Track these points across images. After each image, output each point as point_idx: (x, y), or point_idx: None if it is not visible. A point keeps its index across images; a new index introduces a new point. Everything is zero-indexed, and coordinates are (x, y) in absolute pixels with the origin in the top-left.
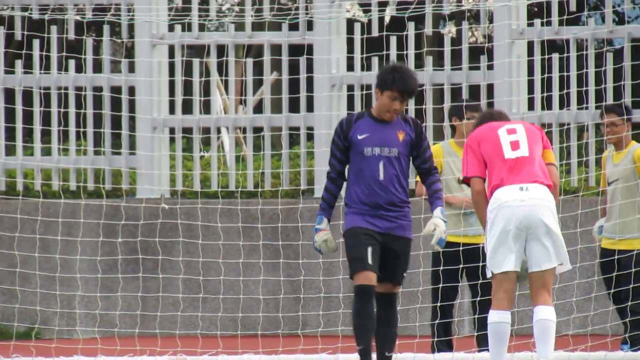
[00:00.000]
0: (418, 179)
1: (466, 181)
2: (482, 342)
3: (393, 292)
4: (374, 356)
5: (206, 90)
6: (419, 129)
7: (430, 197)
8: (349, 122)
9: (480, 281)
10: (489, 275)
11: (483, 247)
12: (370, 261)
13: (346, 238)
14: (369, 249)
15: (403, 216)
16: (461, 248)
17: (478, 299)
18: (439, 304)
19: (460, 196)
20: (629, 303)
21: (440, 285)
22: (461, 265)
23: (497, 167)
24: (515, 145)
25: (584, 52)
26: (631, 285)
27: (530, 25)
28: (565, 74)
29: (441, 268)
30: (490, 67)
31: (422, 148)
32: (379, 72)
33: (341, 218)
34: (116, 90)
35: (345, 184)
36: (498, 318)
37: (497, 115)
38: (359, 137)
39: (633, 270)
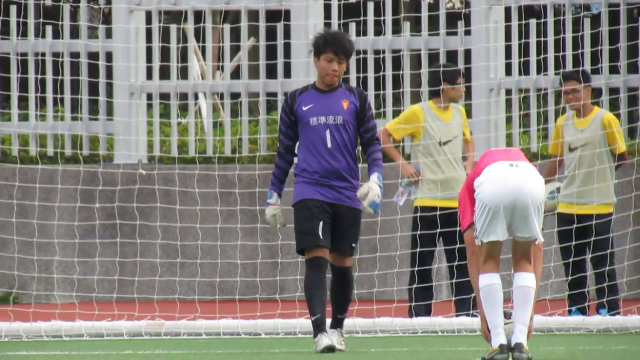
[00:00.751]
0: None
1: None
2: (460, 307)
3: (346, 266)
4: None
5: (183, 56)
6: (363, 98)
7: (369, 165)
8: (293, 96)
9: (457, 245)
10: (477, 243)
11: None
12: (321, 236)
13: (296, 210)
14: (320, 224)
15: (352, 188)
16: (438, 212)
17: (455, 263)
18: (417, 269)
19: (441, 158)
20: (606, 268)
21: (419, 249)
22: (439, 230)
23: (484, 160)
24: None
25: (562, 18)
26: (609, 250)
27: None
28: (542, 39)
29: (419, 232)
30: (467, 33)
31: (366, 117)
32: (313, 41)
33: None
34: (93, 56)
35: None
36: (488, 281)
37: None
38: (304, 109)
39: (611, 235)
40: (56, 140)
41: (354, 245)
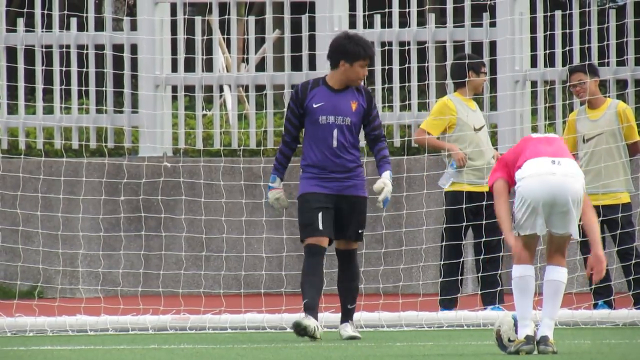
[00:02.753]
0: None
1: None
2: (486, 300)
3: (351, 249)
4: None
5: (208, 48)
6: (370, 99)
7: (379, 162)
8: (304, 89)
9: (484, 239)
10: (515, 234)
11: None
12: (320, 227)
13: (299, 203)
14: (320, 215)
15: (355, 176)
16: (476, 203)
17: (482, 257)
18: (446, 262)
19: (478, 149)
20: (633, 261)
21: (450, 242)
22: (466, 223)
23: (526, 150)
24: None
25: (587, 9)
26: (635, 243)
27: None
28: (567, 31)
29: (458, 224)
30: (492, 25)
31: (372, 117)
32: (338, 44)
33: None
34: (118, 48)
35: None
36: (522, 272)
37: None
38: (314, 106)
39: (637, 227)
40: (81, 133)
41: (360, 231)
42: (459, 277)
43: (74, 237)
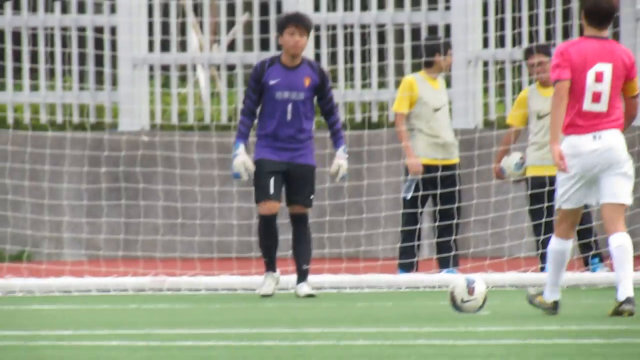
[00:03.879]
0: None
1: (553, 81)
2: (442, 264)
3: (303, 213)
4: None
5: (182, 30)
6: (323, 74)
7: (333, 137)
8: (262, 67)
9: (438, 207)
10: (556, 205)
11: (456, 174)
12: (272, 190)
13: (255, 170)
14: (272, 179)
15: (305, 147)
16: (439, 173)
17: (437, 224)
18: (405, 229)
19: (435, 126)
20: (586, 225)
21: (414, 209)
22: (435, 191)
23: (576, 106)
24: (596, 98)
25: None
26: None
27: None
28: (517, 14)
29: (420, 193)
30: (447, 9)
31: (326, 90)
32: (276, 21)
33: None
34: (99, 30)
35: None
36: (560, 246)
37: (601, 15)
38: (271, 83)
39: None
40: (65, 109)
41: (311, 197)
42: (416, 243)
43: (59, 205)
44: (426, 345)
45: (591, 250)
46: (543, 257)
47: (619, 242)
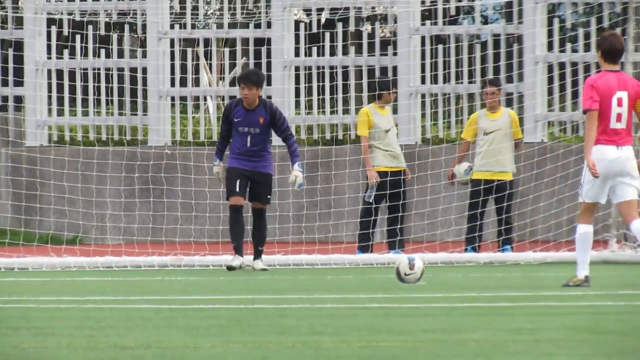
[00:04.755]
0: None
1: (586, 109)
2: (390, 246)
3: (261, 208)
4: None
5: (196, 70)
6: (274, 113)
7: (290, 155)
8: (230, 107)
9: (388, 203)
10: (580, 199)
11: (403, 179)
12: (237, 189)
13: (226, 173)
14: (238, 181)
15: (264, 160)
16: (389, 178)
17: (387, 216)
18: (364, 219)
19: (387, 142)
20: (505, 215)
21: (373, 206)
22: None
23: (603, 124)
24: (619, 118)
25: (460, 44)
26: (510, 198)
27: (423, 24)
28: (446, 59)
29: (375, 193)
30: (395, 54)
31: (278, 124)
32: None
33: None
34: (133, 70)
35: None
36: (586, 229)
37: (616, 53)
38: (235, 120)
39: (515, 198)
40: (108, 129)
41: (268, 196)
42: (371, 231)
43: (104, 202)
44: (378, 307)
45: (505, 235)
46: (469, 240)
47: (637, 225)
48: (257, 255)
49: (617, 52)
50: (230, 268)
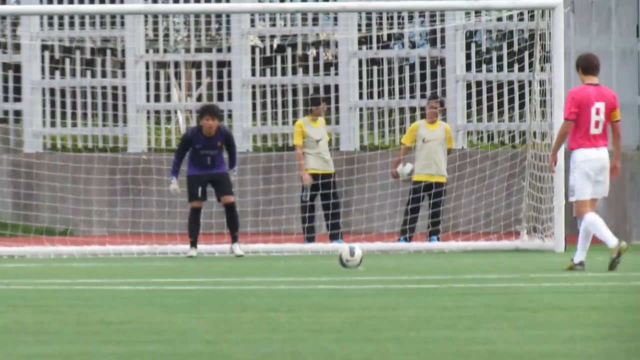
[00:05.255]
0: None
1: (565, 118)
2: (332, 237)
3: (230, 201)
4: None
5: (168, 88)
6: (228, 136)
7: (231, 162)
8: (192, 133)
9: (331, 201)
10: (571, 199)
11: (334, 181)
12: (199, 195)
13: (187, 180)
14: (199, 188)
15: (219, 164)
16: (320, 181)
17: (330, 211)
18: (304, 215)
19: (318, 150)
20: (437, 209)
21: (309, 203)
22: (319, 192)
23: (583, 131)
24: (597, 125)
25: (392, 65)
26: (442, 197)
27: (360, 49)
28: (380, 78)
29: (310, 193)
30: (337, 74)
31: (230, 144)
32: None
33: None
34: (115, 88)
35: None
36: (593, 217)
37: (594, 68)
38: (197, 146)
39: (443, 196)
40: (93, 138)
41: (232, 189)
42: (316, 224)
43: (90, 200)
44: (324, 288)
45: (432, 228)
46: (402, 232)
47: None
48: (234, 240)
49: (595, 67)
50: (190, 257)
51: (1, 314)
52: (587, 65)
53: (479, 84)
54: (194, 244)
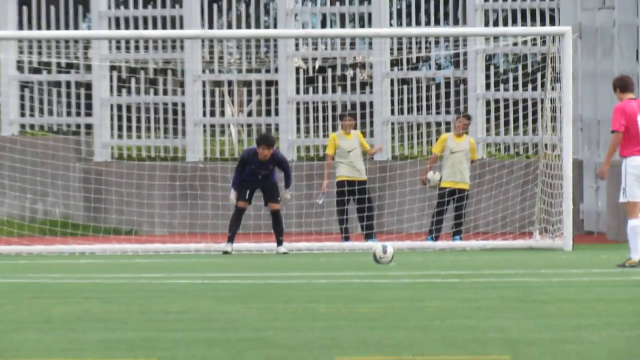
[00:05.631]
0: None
1: (614, 130)
2: (367, 237)
3: (276, 209)
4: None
5: (222, 104)
6: (280, 160)
7: (286, 182)
8: (248, 156)
9: (363, 205)
10: (622, 200)
11: (367, 187)
12: (246, 197)
13: (239, 183)
14: (247, 192)
15: (271, 177)
16: (356, 187)
17: (365, 214)
18: (340, 217)
19: (350, 160)
20: (460, 212)
21: (345, 207)
22: (352, 197)
23: (633, 140)
24: None
25: (420, 85)
26: (464, 202)
27: (392, 70)
28: (410, 96)
29: (343, 197)
30: (371, 92)
31: (283, 167)
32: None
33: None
34: (175, 104)
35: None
36: (636, 223)
37: (630, 85)
38: (252, 166)
39: (466, 201)
40: (156, 149)
41: (278, 199)
42: (349, 225)
43: (152, 203)
44: (359, 282)
45: (455, 229)
46: (430, 232)
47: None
48: (279, 243)
49: (631, 84)
50: (225, 252)
51: (73, 304)
52: (623, 85)
53: (496, 101)
54: (230, 239)
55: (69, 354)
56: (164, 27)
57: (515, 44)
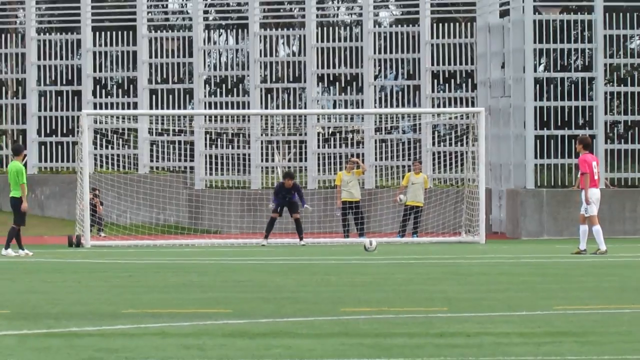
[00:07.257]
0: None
1: (584, 172)
2: (360, 235)
3: (297, 217)
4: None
5: (272, 154)
6: (297, 188)
7: (301, 200)
8: (280, 186)
9: (359, 216)
10: (586, 214)
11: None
12: (277, 210)
13: (275, 203)
14: (279, 207)
15: (294, 197)
16: (353, 205)
17: (358, 222)
18: (345, 229)
19: (348, 188)
20: (417, 220)
21: (342, 217)
22: (351, 213)
23: (592, 178)
24: (596, 175)
25: (394, 142)
26: (420, 214)
27: (375, 133)
28: (387, 149)
29: (343, 211)
30: (363, 147)
31: (299, 193)
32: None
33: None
34: (245, 155)
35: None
36: (598, 228)
37: (590, 145)
38: (282, 192)
39: (421, 213)
40: (232, 181)
41: (299, 210)
42: (346, 228)
43: (230, 214)
44: (356, 263)
45: (414, 229)
46: (399, 232)
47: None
48: (301, 239)
49: (590, 144)
50: (262, 245)
51: (181, 276)
52: (586, 144)
53: (439, 153)
54: (266, 237)
55: (179, 307)
56: (237, 107)
57: (450, 118)
